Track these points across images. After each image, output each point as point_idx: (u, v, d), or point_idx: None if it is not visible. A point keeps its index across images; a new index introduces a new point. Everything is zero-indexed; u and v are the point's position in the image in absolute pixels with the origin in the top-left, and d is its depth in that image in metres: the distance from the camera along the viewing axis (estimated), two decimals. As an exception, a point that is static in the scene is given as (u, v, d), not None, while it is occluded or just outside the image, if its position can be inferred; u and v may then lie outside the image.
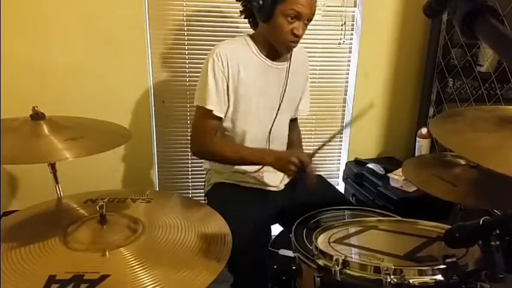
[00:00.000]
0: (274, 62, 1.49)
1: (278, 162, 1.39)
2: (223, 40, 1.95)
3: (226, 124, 1.49)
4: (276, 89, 1.51)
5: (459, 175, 1.28)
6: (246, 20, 1.51)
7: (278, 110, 1.53)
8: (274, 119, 1.54)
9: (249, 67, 1.44)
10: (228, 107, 1.45)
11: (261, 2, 1.34)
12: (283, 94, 1.52)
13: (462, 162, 1.33)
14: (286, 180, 1.60)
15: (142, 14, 1.85)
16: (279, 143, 1.60)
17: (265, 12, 1.35)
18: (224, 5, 1.92)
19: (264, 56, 1.47)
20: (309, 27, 1.44)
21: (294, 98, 1.60)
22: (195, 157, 2.03)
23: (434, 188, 1.24)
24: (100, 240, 0.98)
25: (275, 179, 1.57)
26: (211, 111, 1.41)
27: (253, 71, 1.44)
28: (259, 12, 1.37)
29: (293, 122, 1.71)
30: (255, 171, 1.54)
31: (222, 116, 1.45)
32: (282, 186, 1.59)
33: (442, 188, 1.23)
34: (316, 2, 1.39)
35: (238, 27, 1.93)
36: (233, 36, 1.91)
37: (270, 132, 1.55)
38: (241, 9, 1.49)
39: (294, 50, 1.48)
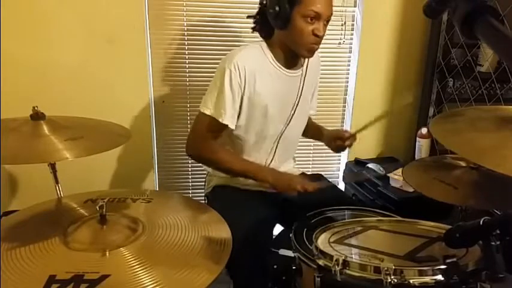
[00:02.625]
0: (290, 71, 1.46)
1: (279, 184, 1.39)
2: (225, 41, 1.95)
3: (238, 132, 1.47)
4: (290, 96, 1.50)
5: (460, 177, 1.28)
6: (249, 22, 1.48)
7: (292, 116, 1.53)
8: (287, 125, 1.53)
9: (266, 77, 1.41)
10: (240, 116, 1.42)
11: (277, 8, 1.30)
12: (298, 101, 1.51)
13: (462, 164, 1.33)
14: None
15: (143, 14, 1.85)
16: (285, 146, 1.58)
17: (283, 18, 1.31)
18: (225, 5, 1.92)
19: (280, 65, 1.44)
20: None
21: (306, 101, 1.59)
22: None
23: (436, 191, 1.25)
24: (100, 240, 0.98)
25: None
26: (225, 125, 1.38)
27: (269, 81, 1.42)
28: (276, 19, 1.33)
29: None
30: None
31: (234, 127, 1.42)
32: None
33: (443, 191, 1.23)
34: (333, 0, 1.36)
35: (238, 28, 1.93)
36: (233, 36, 1.94)
37: (280, 137, 1.54)
38: (252, 26, 1.46)
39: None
